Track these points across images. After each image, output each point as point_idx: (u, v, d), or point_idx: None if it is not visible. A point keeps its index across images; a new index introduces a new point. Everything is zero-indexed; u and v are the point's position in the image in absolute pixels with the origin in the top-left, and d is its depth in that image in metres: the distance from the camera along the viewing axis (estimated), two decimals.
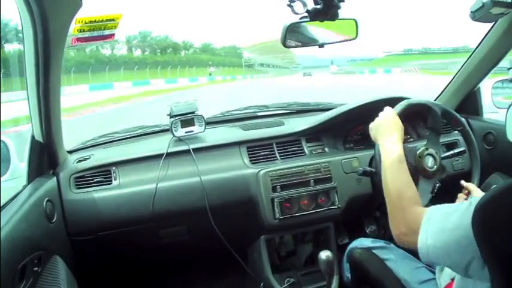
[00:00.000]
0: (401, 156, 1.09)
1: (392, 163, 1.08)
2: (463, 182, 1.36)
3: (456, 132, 1.62)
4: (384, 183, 1.06)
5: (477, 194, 1.28)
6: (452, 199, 1.37)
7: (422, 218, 0.86)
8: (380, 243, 1.41)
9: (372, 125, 1.26)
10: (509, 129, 0.92)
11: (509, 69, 2.17)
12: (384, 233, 1.84)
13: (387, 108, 1.28)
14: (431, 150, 1.38)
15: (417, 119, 1.79)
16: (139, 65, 55.70)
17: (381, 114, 1.27)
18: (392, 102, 1.58)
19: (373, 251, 1.36)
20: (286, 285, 1.61)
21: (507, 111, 0.94)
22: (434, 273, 1.20)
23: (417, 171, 1.36)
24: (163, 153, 1.59)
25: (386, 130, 1.19)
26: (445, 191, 1.37)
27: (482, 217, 0.74)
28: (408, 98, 1.63)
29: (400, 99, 1.63)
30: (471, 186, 1.33)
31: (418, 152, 1.37)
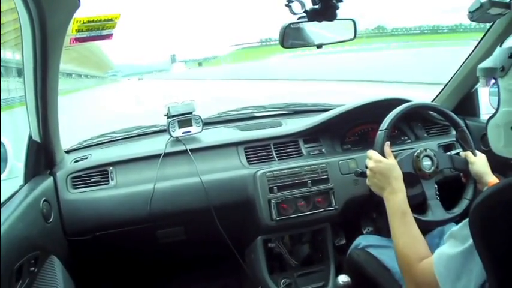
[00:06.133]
0: (405, 208, 1.10)
1: (396, 217, 1.09)
2: (462, 153, 1.38)
3: (454, 133, 1.63)
4: (392, 237, 1.08)
5: (477, 166, 1.31)
6: (450, 201, 1.37)
7: (429, 273, 0.86)
8: (385, 241, 1.39)
9: (369, 182, 1.23)
10: (493, 143, 0.93)
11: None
12: (380, 234, 1.84)
13: (372, 153, 1.25)
14: (428, 152, 1.38)
15: (415, 120, 1.81)
16: None
17: (369, 162, 1.24)
18: (390, 102, 1.59)
19: (372, 252, 1.36)
20: (282, 286, 1.61)
21: (486, 125, 0.95)
22: None
23: (415, 173, 1.36)
24: (161, 154, 1.58)
25: (384, 182, 1.18)
26: (443, 193, 1.37)
27: (478, 216, 0.75)
28: (405, 99, 1.63)
29: (398, 100, 1.63)
30: (469, 155, 1.34)
31: (415, 153, 1.37)
